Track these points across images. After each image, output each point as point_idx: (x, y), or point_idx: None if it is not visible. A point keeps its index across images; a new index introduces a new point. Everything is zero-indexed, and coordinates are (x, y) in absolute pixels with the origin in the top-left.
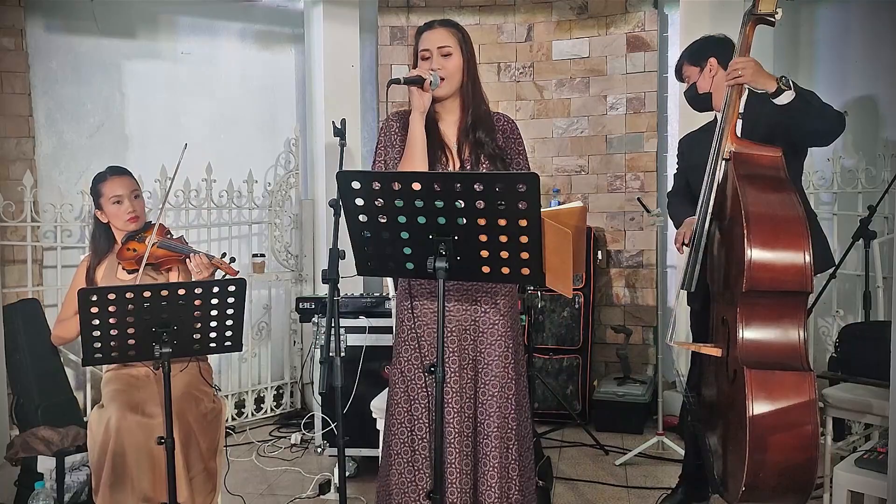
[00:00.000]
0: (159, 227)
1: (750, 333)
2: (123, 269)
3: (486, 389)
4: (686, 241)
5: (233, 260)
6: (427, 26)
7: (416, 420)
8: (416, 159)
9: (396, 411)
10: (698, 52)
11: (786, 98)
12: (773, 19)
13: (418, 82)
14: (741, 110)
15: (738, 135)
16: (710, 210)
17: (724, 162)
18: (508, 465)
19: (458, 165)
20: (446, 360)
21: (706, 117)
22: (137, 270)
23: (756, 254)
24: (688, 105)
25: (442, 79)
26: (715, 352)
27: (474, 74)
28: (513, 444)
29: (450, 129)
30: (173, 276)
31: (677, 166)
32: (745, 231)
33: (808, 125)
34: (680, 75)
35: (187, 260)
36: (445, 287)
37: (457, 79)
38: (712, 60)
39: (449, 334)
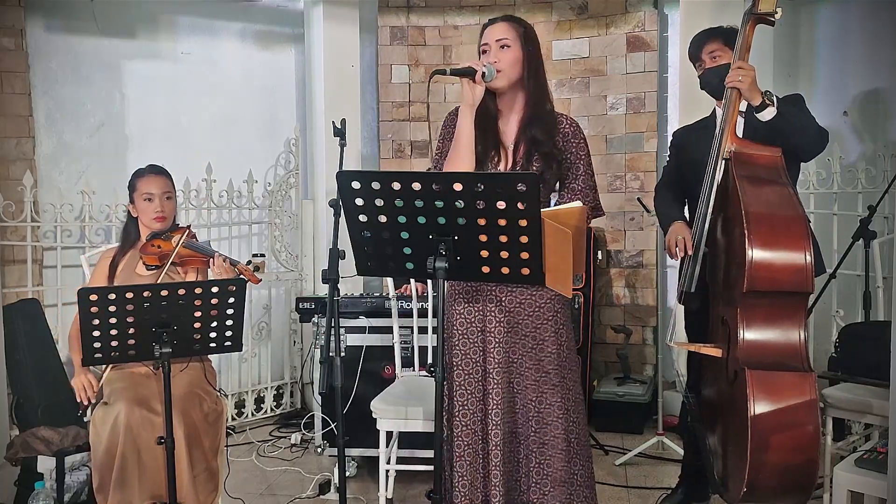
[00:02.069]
0: (189, 231)
1: (750, 334)
2: (144, 264)
3: (524, 394)
4: (681, 249)
5: (257, 269)
6: (490, 22)
7: (454, 420)
8: (461, 154)
9: (455, 417)
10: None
11: (768, 114)
12: (772, 19)
13: (468, 73)
14: (742, 110)
15: (739, 134)
16: (710, 210)
17: (723, 162)
18: (552, 473)
19: (510, 164)
20: (491, 363)
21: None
22: (158, 266)
23: (757, 254)
24: (686, 103)
25: (498, 71)
26: (715, 352)
27: (537, 70)
28: (558, 451)
29: (510, 126)
30: (191, 277)
31: (669, 159)
32: (746, 231)
33: (791, 140)
34: (699, 54)
35: (210, 262)
36: (492, 289)
37: (515, 72)
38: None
39: (495, 336)
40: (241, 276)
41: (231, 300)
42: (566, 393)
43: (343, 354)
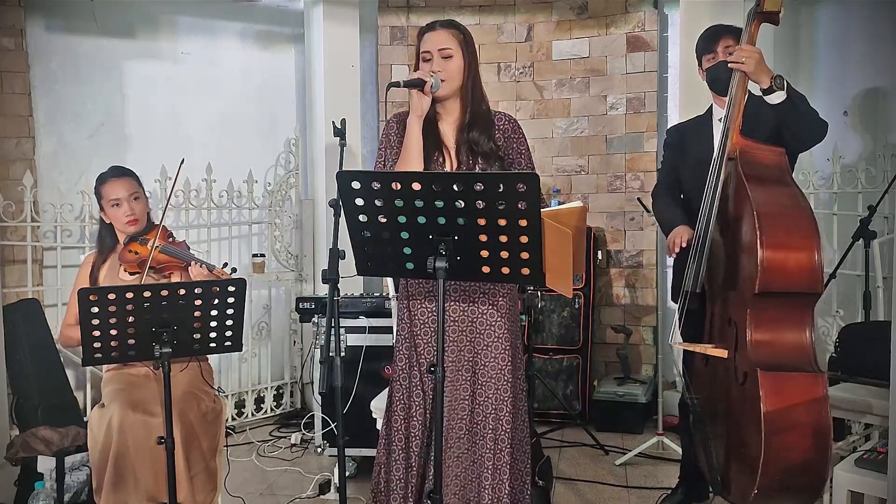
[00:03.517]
0: (162, 231)
1: (761, 335)
2: (125, 270)
3: (482, 391)
4: (677, 245)
5: (234, 270)
6: (429, 27)
7: (412, 419)
8: (411, 162)
9: (395, 409)
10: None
11: (777, 98)
12: (778, 17)
13: (419, 85)
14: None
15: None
16: (715, 210)
17: (728, 161)
18: (500, 467)
19: (455, 166)
20: (445, 361)
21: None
22: (138, 273)
23: (770, 255)
24: (686, 103)
25: (443, 80)
26: (721, 353)
27: (475, 75)
28: (506, 445)
29: (449, 129)
30: (174, 279)
31: (664, 159)
32: (759, 233)
33: (793, 128)
34: (713, 47)
35: (188, 268)
36: (449, 286)
37: (458, 80)
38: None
39: (449, 335)
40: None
41: (231, 300)
42: (516, 390)
43: (343, 354)
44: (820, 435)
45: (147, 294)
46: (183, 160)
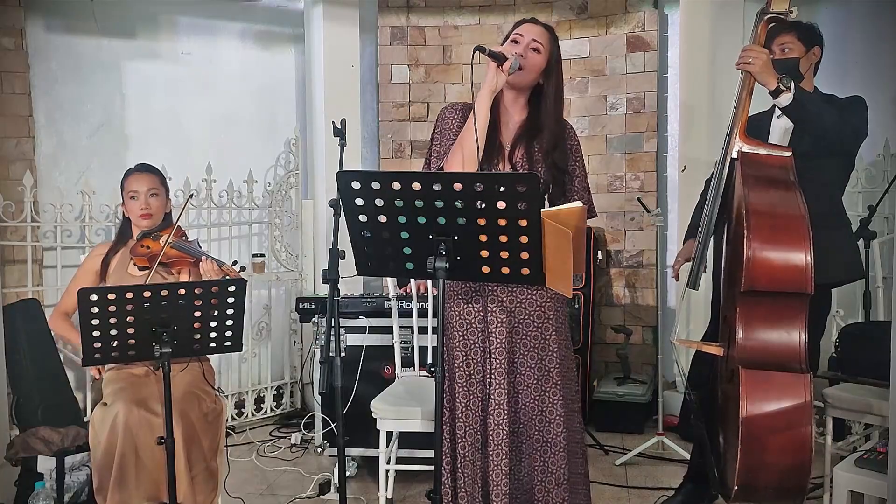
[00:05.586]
0: (177, 229)
1: (748, 333)
2: (135, 265)
3: (526, 393)
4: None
5: (243, 269)
6: (531, 20)
7: (457, 421)
8: (474, 138)
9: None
10: (809, 34)
11: (784, 100)
12: (785, 18)
13: (500, 59)
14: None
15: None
16: (715, 208)
17: (731, 160)
18: (554, 471)
19: (508, 167)
20: (492, 364)
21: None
22: (148, 268)
23: (755, 253)
24: (687, 103)
25: (521, 68)
26: (717, 350)
27: (557, 84)
28: (560, 449)
29: (508, 130)
30: (183, 278)
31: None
32: (746, 230)
33: (807, 129)
34: (769, 45)
35: (199, 263)
36: (493, 289)
37: (533, 76)
38: (816, 49)
39: (496, 336)
40: (228, 277)
41: (231, 300)
42: (567, 392)
43: (343, 354)
44: (800, 437)
45: (147, 294)
46: (191, 195)
